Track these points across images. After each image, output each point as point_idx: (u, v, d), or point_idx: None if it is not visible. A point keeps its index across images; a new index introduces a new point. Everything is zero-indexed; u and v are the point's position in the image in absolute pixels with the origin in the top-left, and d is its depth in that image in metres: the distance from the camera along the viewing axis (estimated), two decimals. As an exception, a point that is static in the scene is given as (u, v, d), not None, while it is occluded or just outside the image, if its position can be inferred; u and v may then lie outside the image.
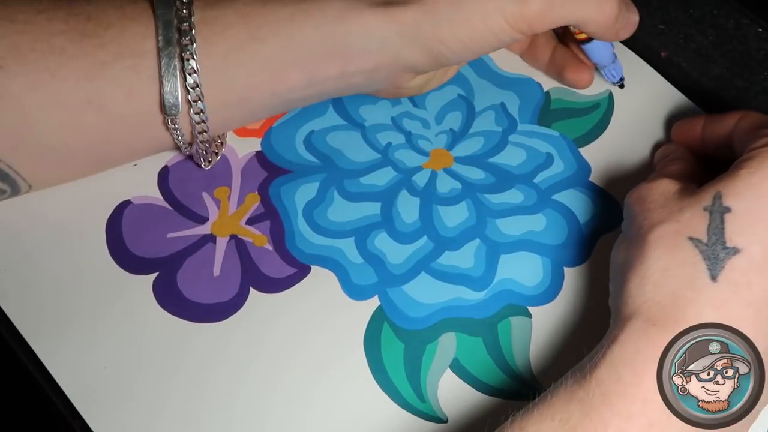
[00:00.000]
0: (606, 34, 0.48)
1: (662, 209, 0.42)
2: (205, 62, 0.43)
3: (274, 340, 0.45)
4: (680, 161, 0.48)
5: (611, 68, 0.52)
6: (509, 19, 0.44)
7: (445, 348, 0.46)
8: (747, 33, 0.56)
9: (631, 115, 0.53)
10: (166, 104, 0.44)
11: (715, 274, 0.39)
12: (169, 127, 0.45)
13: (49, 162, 0.45)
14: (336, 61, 0.45)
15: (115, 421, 0.43)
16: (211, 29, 0.43)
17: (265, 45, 0.44)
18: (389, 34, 0.44)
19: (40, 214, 0.48)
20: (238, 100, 0.45)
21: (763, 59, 0.55)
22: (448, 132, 0.53)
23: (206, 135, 0.46)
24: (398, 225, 0.49)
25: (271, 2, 0.44)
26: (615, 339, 0.39)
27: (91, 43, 0.42)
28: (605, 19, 0.46)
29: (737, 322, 0.38)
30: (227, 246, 0.48)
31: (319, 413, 0.44)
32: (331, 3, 0.44)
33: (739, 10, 0.56)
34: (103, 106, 0.43)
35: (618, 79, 0.53)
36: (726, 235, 0.40)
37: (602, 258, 0.48)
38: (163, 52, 0.43)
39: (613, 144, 0.52)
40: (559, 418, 0.38)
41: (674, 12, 0.57)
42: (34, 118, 0.43)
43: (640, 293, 0.40)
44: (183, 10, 0.43)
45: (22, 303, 0.46)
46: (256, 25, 0.44)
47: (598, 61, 0.52)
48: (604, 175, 0.51)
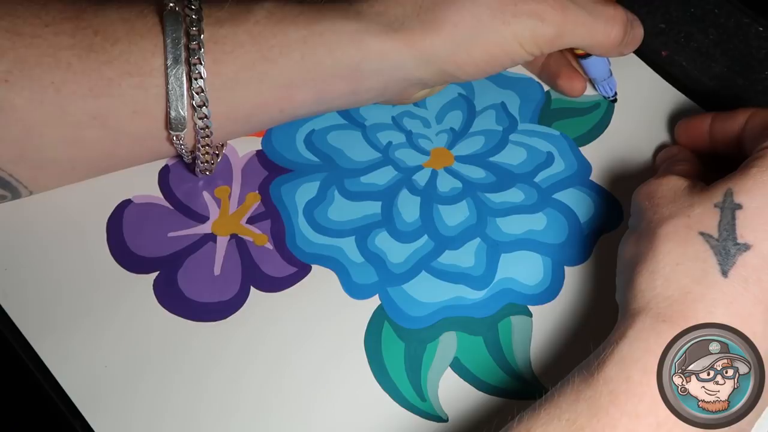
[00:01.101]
0: (610, 54, 0.49)
1: (672, 204, 0.42)
2: (213, 81, 0.43)
3: (275, 340, 0.45)
4: (685, 162, 0.48)
5: (607, 83, 0.53)
6: (523, 43, 0.45)
7: (445, 347, 0.46)
8: (747, 32, 0.56)
9: (631, 114, 0.53)
10: (173, 122, 0.43)
11: (726, 269, 0.39)
12: (173, 143, 0.45)
13: (51, 172, 0.46)
14: (347, 82, 0.45)
15: (115, 419, 0.43)
16: (221, 48, 0.43)
17: (275, 66, 0.43)
18: (405, 59, 0.44)
19: (41, 214, 0.48)
20: (245, 117, 0.45)
21: (764, 58, 0.55)
22: (448, 131, 0.53)
23: (209, 148, 0.46)
24: (399, 224, 0.49)
25: (284, 22, 0.44)
26: (623, 335, 0.39)
27: (97, 59, 0.42)
28: (612, 44, 0.48)
29: (747, 319, 0.38)
30: (228, 245, 0.48)
31: (319, 412, 0.44)
32: (346, 25, 0.44)
33: (739, 9, 0.56)
34: (107, 123, 0.43)
35: (612, 95, 0.53)
36: (737, 231, 0.39)
37: (603, 257, 0.48)
38: (170, 70, 0.42)
39: (613, 143, 0.52)
40: (567, 417, 0.37)
41: (675, 11, 0.57)
42: (38, 132, 0.43)
43: (649, 288, 0.40)
44: (193, 27, 0.43)
45: (23, 302, 0.46)
46: (267, 45, 0.43)
47: (594, 77, 0.53)
48: (605, 174, 0.51)
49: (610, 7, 0.47)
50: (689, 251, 0.40)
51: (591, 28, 0.46)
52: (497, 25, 0.44)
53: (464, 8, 0.44)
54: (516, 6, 0.44)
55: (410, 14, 0.44)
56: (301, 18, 0.44)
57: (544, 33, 0.45)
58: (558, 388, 0.39)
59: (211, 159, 0.48)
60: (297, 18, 0.44)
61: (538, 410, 0.38)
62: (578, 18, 0.46)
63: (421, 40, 0.44)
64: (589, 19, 0.46)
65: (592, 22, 0.46)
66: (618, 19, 0.47)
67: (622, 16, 0.47)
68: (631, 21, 0.48)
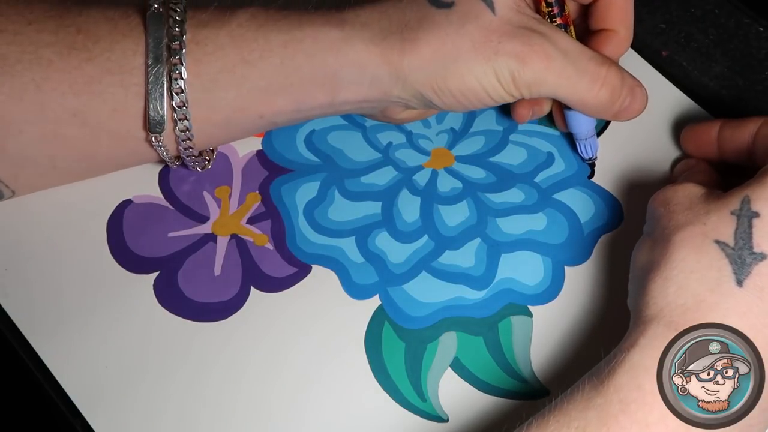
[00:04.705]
0: (599, 115, 0.47)
1: (688, 211, 0.42)
2: (193, 82, 0.43)
3: (275, 340, 0.45)
4: (703, 173, 0.47)
5: (587, 143, 0.50)
6: (502, 82, 0.44)
7: (445, 347, 0.46)
8: (748, 32, 0.56)
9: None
10: (151, 122, 0.43)
11: (741, 279, 0.39)
12: (153, 144, 0.44)
13: (32, 172, 0.45)
14: (325, 91, 0.44)
15: (115, 419, 0.43)
16: (202, 49, 0.43)
17: (254, 69, 0.43)
18: (382, 74, 0.44)
19: (41, 214, 0.48)
20: (225, 121, 0.45)
21: (764, 58, 0.55)
22: (448, 131, 0.53)
23: (192, 151, 0.46)
24: (399, 224, 0.49)
25: (266, 26, 0.44)
26: (635, 343, 0.39)
27: (79, 57, 0.42)
28: (599, 105, 0.45)
29: (761, 330, 0.38)
30: (228, 245, 0.48)
31: (319, 412, 0.44)
32: (327, 32, 0.43)
33: (740, 9, 0.56)
34: (87, 121, 0.43)
35: (589, 157, 0.50)
36: (753, 240, 0.39)
37: (603, 257, 0.48)
38: (151, 69, 0.42)
39: (614, 143, 0.52)
40: (576, 425, 0.37)
41: (675, 11, 0.57)
42: (17, 128, 0.43)
43: (662, 295, 0.39)
44: (176, 28, 0.43)
45: (23, 302, 0.46)
46: (248, 49, 0.43)
47: (573, 132, 0.50)
48: (605, 174, 0.51)
49: (602, 67, 0.45)
50: (704, 259, 0.39)
51: (574, 84, 0.44)
52: (477, 58, 0.43)
53: (447, 36, 0.43)
54: (500, 44, 0.43)
55: (394, 30, 0.43)
56: (284, 23, 0.44)
57: (524, 77, 0.43)
58: (567, 394, 0.39)
59: (199, 159, 0.48)
60: (279, 22, 0.44)
61: (547, 417, 0.38)
62: (562, 70, 0.44)
63: (398, 58, 0.43)
64: (574, 74, 0.44)
65: (577, 78, 0.44)
66: (607, 81, 0.45)
67: (614, 79, 0.45)
68: (630, 87, 0.46)
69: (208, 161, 0.49)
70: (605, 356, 0.40)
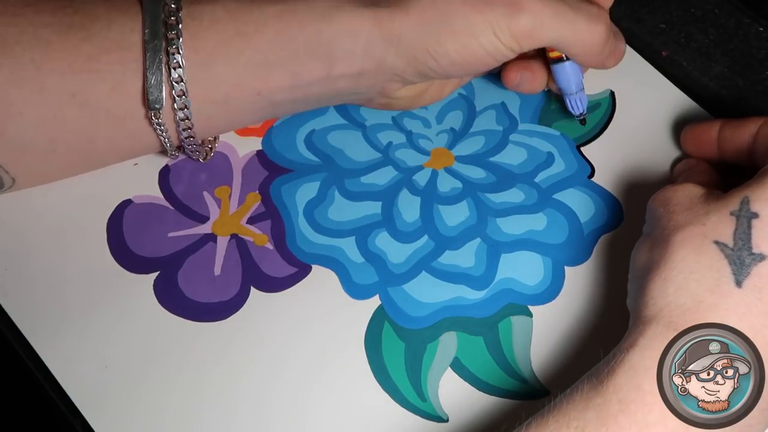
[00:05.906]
0: (592, 60, 0.47)
1: (688, 212, 0.42)
2: (190, 56, 0.43)
3: (275, 340, 0.45)
4: (703, 174, 0.47)
5: (576, 98, 0.50)
6: (499, 35, 0.43)
7: (445, 347, 0.46)
8: (748, 32, 0.56)
9: (632, 114, 0.53)
10: (150, 98, 0.43)
11: (741, 280, 0.39)
12: (152, 123, 0.44)
13: (33, 156, 0.45)
14: (320, 63, 0.44)
15: (116, 419, 0.43)
16: (198, 24, 0.43)
17: (250, 42, 0.43)
18: (375, 38, 0.43)
19: (41, 213, 0.48)
20: (223, 99, 0.45)
21: (764, 58, 0.55)
22: (448, 131, 0.53)
23: (193, 140, 0.46)
24: (399, 224, 0.49)
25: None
26: (634, 343, 0.39)
27: (77, 36, 0.42)
28: (594, 42, 0.45)
29: (761, 330, 0.38)
30: (228, 245, 0.48)
31: (319, 412, 0.44)
32: (320, 2, 0.44)
33: (740, 9, 0.56)
34: (86, 100, 0.43)
35: (579, 113, 0.50)
36: (753, 241, 0.39)
37: (603, 257, 0.48)
38: (148, 45, 0.42)
39: (614, 143, 0.52)
40: (575, 425, 0.37)
41: (675, 11, 0.57)
42: (18, 110, 0.43)
43: (662, 295, 0.39)
44: (171, 4, 0.43)
45: (23, 302, 0.46)
46: (243, 21, 0.43)
47: (563, 87, 0.49)
48: (605, 174, 0.51)
49: (593, 6, 0.45)
50: (703, 260, 0.39)
51: (572, 23, 0.44)
52: (470, 12, 0.43)
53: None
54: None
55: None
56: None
57: (521, 23, 0.43)
58: (567, 395, 0.39)
59: (200, 146, 0.47)
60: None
61: (546, 417, 0.38)
62: (559, 10, 0.44)
63: (389, 20, 0.43)
64: (570, 12, 0.44)
65: (574, 16, 0.44)
66: (602, 18, 0.45)
67: (606, 16, 0.46)
68: (615, 30, 0.46)
69: (210, 149, 0.49)
70: (605, 356, 0.40)
